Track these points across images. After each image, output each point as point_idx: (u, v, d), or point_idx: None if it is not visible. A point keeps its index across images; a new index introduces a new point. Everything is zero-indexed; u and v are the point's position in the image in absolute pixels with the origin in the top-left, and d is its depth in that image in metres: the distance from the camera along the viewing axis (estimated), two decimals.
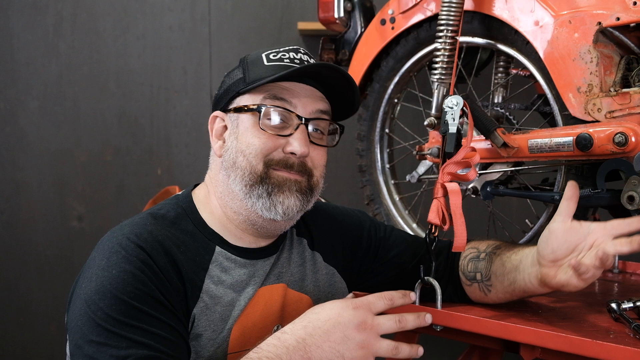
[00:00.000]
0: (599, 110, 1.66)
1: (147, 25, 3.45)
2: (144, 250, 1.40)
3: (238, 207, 1.52)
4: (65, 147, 3.52)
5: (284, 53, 1.54)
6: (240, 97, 1.53)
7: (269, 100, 1.49)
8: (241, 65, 1.57)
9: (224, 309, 1.48)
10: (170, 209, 1.55)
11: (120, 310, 1.32)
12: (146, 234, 1.44)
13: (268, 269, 1.57)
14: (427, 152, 1.99)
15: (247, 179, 1.48)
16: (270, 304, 1.56)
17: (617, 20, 1.65)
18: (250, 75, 1.52)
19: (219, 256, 1.52)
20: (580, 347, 1.47)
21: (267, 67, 1.51)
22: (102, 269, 1.37)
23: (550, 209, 1.81)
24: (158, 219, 1.51)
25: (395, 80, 2.14)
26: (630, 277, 2.13)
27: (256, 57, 1.55)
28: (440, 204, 1.65)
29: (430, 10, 1.99)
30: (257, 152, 1.48)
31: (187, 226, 1.53)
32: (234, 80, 1.55)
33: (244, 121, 1.51)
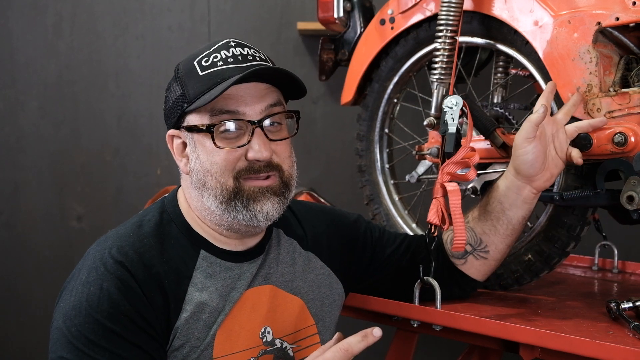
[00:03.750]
0: (599, 110, 1.66)
1: (146, 26, 3.45)
2: (124, 267, 1.40)
3: (218, 220, 1.51)
4: (64, 147, 3.52)
5: (215, 54, 1.48)
6: (188, 116, 1.49)
7: (216, 117, 1.45)
8: (177, 78, 1.51)
9: (209, 315, 1.47)
10: (155, 214, 1.54)
11: (92, 330, 1.34)
12: (128, 247, 1.44)
13: (255, 271, 1.55)
14: (426, 152, 1.99)
15: (221, 197, 1.46)
16: (258, 306, 1.55)
17: (616, 20, 1.65)
18: (189, 91, 1.46)
19: (204, 261, 1.50)
20: (580, 347, 1.48)
21: (203, 79, 1.46)
22: (82, 284, 1.40)
23: (550, 208, 1.80)
24: (142, 227, 1.50)
25: (394, 80, 2.14)
26: (629, 277, 2.13)
27: (189, 67, 1.49)
28: (439, 204, 1.65)
29: (429, 10, 1.98)
30: (223, 170, 1.46)
31: (172, 231, 1.52)
32: (175, 95, 1.50)
33: (200, 140, 1.47)
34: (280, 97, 1.54)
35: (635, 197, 1.52)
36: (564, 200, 1.71)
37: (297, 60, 3.34)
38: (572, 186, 1.75)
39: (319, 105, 3.33)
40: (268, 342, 1.55)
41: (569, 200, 1.70)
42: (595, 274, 2.20)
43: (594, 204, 1.73)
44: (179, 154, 1.54)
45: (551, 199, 1.75)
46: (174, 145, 1.54)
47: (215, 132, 1.44)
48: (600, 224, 2.16)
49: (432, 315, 1.71)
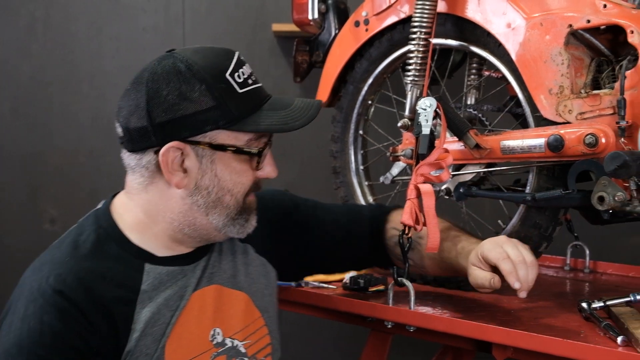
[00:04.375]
0: (570, 112, 1.68)
1: (121, 27, 3.43)
2: (64, 296, 1.33)
3: (200, 235, 1.48)
4: (38, 150, 3.49)
5: (241, 70, 1.43)
6: (218, 133, 1.40)
7: (258, 141, 1.44)
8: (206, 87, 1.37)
9: (157, 328, 1.42)
10: (91, 232, 1.45)
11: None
12: (66, 273, 1.36)
13: (200, 273, 1.52)
14: (400, 153, 2.00)
15: (232, 214, 1.46)
16: (204, 309, 1.51)
17: (587, 23, 1.67)
18: (231, 109, 1.38)
19: (149, 275, 1.44)
20: (552, 346, 1.49)
21: (244, 98, 1.41)
22: (20, 319, 1.33)
23: (522, 209, 1.82)
24: (79, 249, 1.41)
25: (369, 82, 2.14)
26: (600, 277, 2.15)
27: (223, 79, 1.39)
28: (413, 205, 1.66)
29: (403, 13, 1.99)
30: (245, 189, 1.46)
31: (112, 249, 1.43)
32: (200, 107, 1.37)
33: (227, 160, 1.42)
34: None
35: (606, 197, 1.53)
36: (536, 201, 1.72)
37: (272, 61, 3.34)
38: (544, 187, 1.76)
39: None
40: (219, 343, 1.51)
41: (541, 201, 1.72)
42: (567, 274, 2.22)
43: (566, 204, 1.75)
44: (173, 167, 1.40)
45: (523, 200, 1.76)
46: (171, 157, 1.39)
47: (260, 158, 1.45)
48: (572, 225, 2.18)
49: (405, 316, 1.71)
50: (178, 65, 1.39)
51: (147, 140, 1.40)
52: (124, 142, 1.45)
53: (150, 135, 1.39)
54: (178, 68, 1.39)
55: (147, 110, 1.38)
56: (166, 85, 1.38)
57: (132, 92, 1.42)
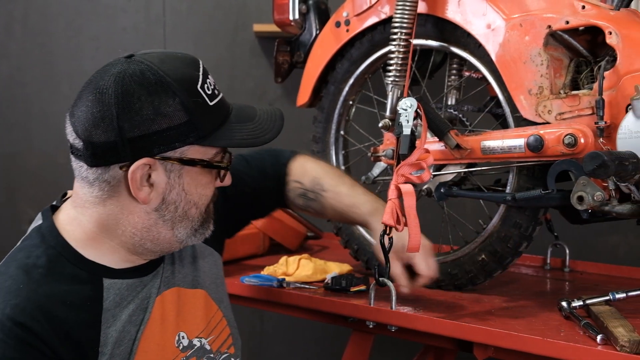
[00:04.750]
0: (550, 112, 1.69)
1: (100, 27, 3.41)
2: (25, 328, 1.24)
3: (163, 248, 1.43)
4: (16, 150, 3.46)
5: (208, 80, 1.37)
6: (189, 148, 1.34)
7: (225, 155, 1.42)
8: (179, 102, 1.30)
9: (124, 347, 1.38)
10: (39, 253, 1.35)
11: None
12: (24, 302, 1.26)
13: (159, 280, 1.47)
14: (381, 153, 2.00)
15: (197, 226, 1.42)
16: (166, 315, 1.47)
17: (566, 24, 1.68)
18: (203, 124, 1.33)
19: (110, 290, 1.38)
20: (532, 345, 1.50)
21: (214, 112, 1.36)
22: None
23: (503, 209, 1.83)
24: (30, 273, 1.31)
25: (350, 83, 2.15)
26: (580, 276, 2.17)
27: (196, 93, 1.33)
28: (394, 205, 1.66)
29: (384, 13, 2.00)
30: (207, 202, 1.43)
31: (65, 268, 1.34)
32: (173, 123, 1.30)
33: (194, 174, 1.37)
34: None
35: (585, 197, 1.55)
36: (516, 201, 1.73)
37: (253, 62, 3.33)
38: (524, 187, 1.77)
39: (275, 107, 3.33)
40: (185, 347, 1.49)
41: (521, 200, 1.73)
42: (547, 273, 2.23)
43: (546, 204, 1.76)
44: (142, 183, 1.33)
45: (504, 200, 1.77)
46: (139, 173, 1.32)
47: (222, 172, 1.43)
48: (551, 224, 2.19)
49: (387, 316, 1.72)
50: (148, 75, 1.30)
51: (114, 156, 1.31)
52: (83, 155, 1.33)
53: (119, 150, 1.30)
54: (148, 79, 1.30)
55: (118, 124, 1.28)
56: (138, 98, 1.28)
57: (94, 101, 1.31)
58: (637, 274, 2.13)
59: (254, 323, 3.44)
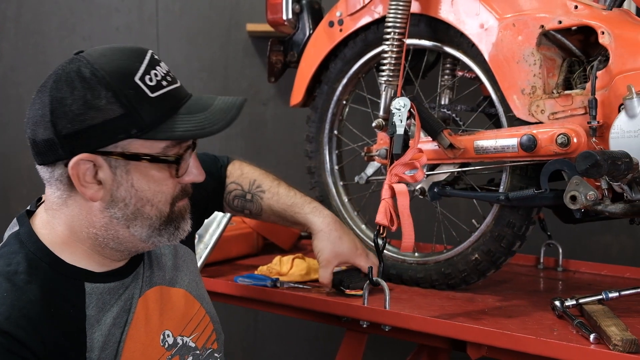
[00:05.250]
0: (542, 112, 1.69)
1: (93, 26, 3.40)
2: (11, 337, 1.22)
3: (125, 247, 1.39)
4: (10, 150, 3.45)
5: (153, 71, 1.32)
6: (130, 142, 1.29)
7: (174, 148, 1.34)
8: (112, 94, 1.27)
9: (110, 350, 1.37)
10: (20, 259, 1.32)
11: None
12: (8, 311, 1.24)
13: (140, 280, 1.46)
14: (375, 153, 2.00)
15: (156, 224, 1.36)
16: (150, 315, 1.46)
17: (559, 24, 1.68)
18: (144, 116, 1.28)
19: (92, 295, 1.36)
20: (525, 344, 1.50)
21: (157, 103, 1.30)
22: None
23: (496, 209, 1.83)
24: (12, 281, 1.28)
25: (343, 82, 2.15)
26: (573, 275, 2.17)
27: (132, 85, 1.28)
28: (388, 205, 1.67)
29: (377, 13, 2.00)
30: (166, 198, 1.36)
31: (46, 274, 1.32)
32: (109, 116, 1.26)
33: (143, 169, 1.32)
34: None
35: (578, 196, 1.55)
36: (510, 201, 1.74)
37: (246, 61, 3.33)
38: (517, 186, 1.78)
39: (269, 106, 3.33)
40: (170, 345, 1.48)
41: (515, 200, 1.73)
42: (541, 272, 2.23)
43: (539, 203, 1.76)
44: (85, 179, 1.30)
45: (497, 199, 1.78)
46: (82, 169, 1.29)
47: (180, 165, 1.35)
48: (545, 223, 2.20)
49: (380, 316, 1.72)
50: (82, 70, 1.28)
51: (54, 153, 1.30)
52: (33, 154, 1.35)
53: (57, 147, 1.29)
54: (82, 74, 1.28)
55: (52, 121, 1.28)
56: (70, 93, 1.27)
57: (37, 100, 1.32)
58: (630, 273, 2.13)
59: (247, 323, 3.44)
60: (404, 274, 1.99)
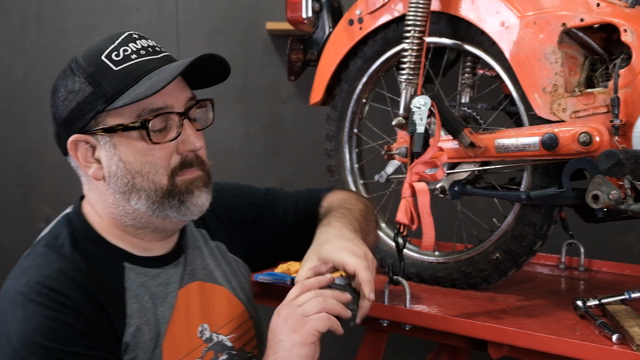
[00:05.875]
0: (564, 110, 1.68)
1: (113, 25, 3.42)
2: (59, 293, 1.32)
3: (144, 224, 1.45)
4: (31, 148, 3.48)
5: (124, 48, 1.40)
6: (105, 116, 1.39)
7: (147, 113, 1.38)
8: (83, 75, 1.39)
9: (151, 327, 1.43)
10: (66, 235, 1.44)
11: (54, 359, 1.27)
12: (56, 273, 1.34)
13: (181, 271, 1.52)
14: (395, 152, 1.99)
15: (154, 197, 1.41)
16: (190, 306, 1.52)
17: (581, 22, 1.67)
18: (106, 89, 1.37)
19: (131, 273, 1.45)
20: (547, 344, 1.49)
21: (120, 75, 1.37)
22: (19, 322, 1.29)
23: (517, 208, 1.82)
24: (59, 251, 1.40)
25: (363, 81, 2.14)
26: (595, 275, 2.16)
27: (98, 63, 1.39)
28: (408, 203, 1.66)
29: (397, 11, 1.99)
30: (157, 169, 1.40)
31: (89, 250, 1.43)
32: (82, 96, 1.38)
33: (123, 141, 1.39)
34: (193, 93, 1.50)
35: (600, 195, 1.54)
36: (531, 200, 1.73)
37: (266, 60, 3.33)
38: (538, 185, 1.77)
39: (289, 105, 3.33)
40: (207, 339, 1.53)
41: (536, 199, 1.72)
42: (562, 272, 2.22)
43: (560, 202, 1.75)
44: (87, 159, 1.43)
45: (518, 198, 1.77)
46: (79, 151, 1.42)
47: (150, 129, 1.38)
48: (566, 223, 2.18)
49: (401, 315, 1.72)
50: (70, 63, 1.43)
51: (62, 141, 1.45)
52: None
53: (62, 135, 1.44)
54: (69, 66, 1.43)
55: (53, 114, 1.45)
56: (59, 84, 1.43)
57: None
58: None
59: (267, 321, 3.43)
60: (424, 273, 1.99)
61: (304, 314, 1.36)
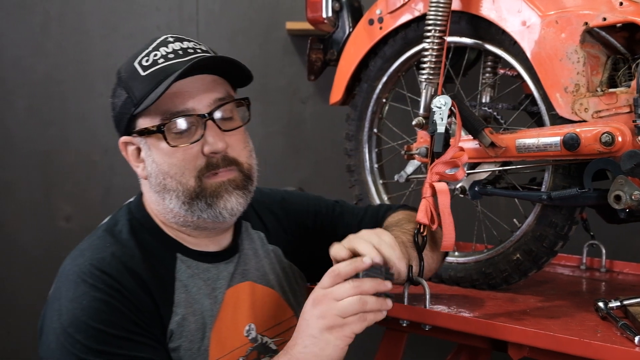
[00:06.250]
0: (586, 110, 1.67)
1: (135, 25, 3.44)
2: (110, 276, 1.37)
3: (183, 221, 1.50)
4: (52, 147, 3.50)
5: (154, 52, 1.47)
6: (138, 120, 1.48)
7: (167, 116, 1.44)
8: (120, 82, 1.49)
9: (197, 317, 1.46)
10: (125, 222, 1.52)
11: (99, 340, 1.31)
12: (109, 257, 1.41)
13: (232, 269, 1.55)
14: (415, 151, 1.99)
15: (183, 197, 1.45)
16: (239, 304, 1.54)
17: (603, 21, 1.66)
18: (134, 93, 1.45)
19: (182, 264, 1.49)
20: (568, 345, 1.48)
21: (146, 79, 1.44)
22: (70, 300, 1.35)
23: (538, 208, 1.81)
24: (116, 237, 1.48)
25: (383, 80, 2.14)
26: (617, 276, 2.14)
27: (131, 69, 1.48)
28: (429, 203, 1.66)
29: (418, 11, 1.99)
30: (182, 171, 1.45)
31: (145, 238, 1.50)
32: (121, 101, 1.48)
33: (154, 143, 1.47)
34: (229, 89, 1.53)
35: (622, 196, 1.53)
36: (552, 200, 1.72)
37: (285, 60, 3.34)
38: (560, 186, 1.75)
39: (308, 105, 3.33)
40: (252, 339, 1.55)
41: (557, 199, 1.71)
42: (583, 273, 2.21)
43: (582, 203, 1.74)
44: (135, 159, 1.53)
45: (539, 199, 1.76)
46: (129, 152, 1.53)
47: (167, 132, 1.43)
48: (588, 223, 2.17)
49: (421, 315, 1.71)
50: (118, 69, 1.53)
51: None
52: None
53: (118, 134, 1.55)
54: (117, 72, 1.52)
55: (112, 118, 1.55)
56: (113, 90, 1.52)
57: None
58: None
59: None
60: (444, 274, 1.98)
61: (342, 314, 1.32)
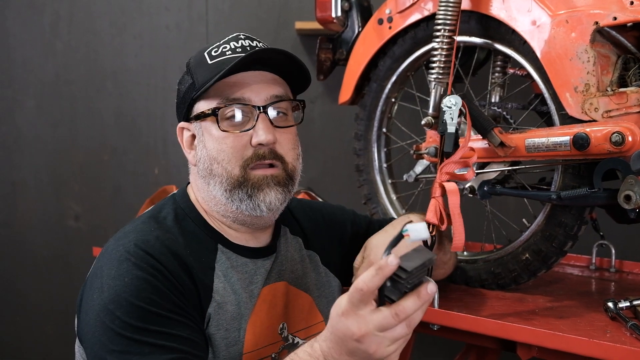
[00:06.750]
0: (596, 110, 1.66)
1: (144, 25, 3.45)
2: (153, 257, 1.39)
3: (223, 211, 1.52)
4: (62, 147, 3.52)
5: (224, 45, 1.52)
6: (197, 104, 1.52)
7: (223, 101, 1.48)
8: (188, 70, 1.54)
9: (234, 307, 1.48)
10: (170, 210, 1.55)
11: (138, 317, 1.32)
12: (153, 239, 1.43)
13: (269, 267, 1.57)
14: (424, 151, 1.99)
15: (226, 184, 1.47)
16: (274, 303, 1.56)
17: (614, 20, 1.65)
18: (198, 79, 1.50)
19: (222, 255, 1.51)
20: (577, 346, 1.48)
21: (212, 67, 1.49)
22: (113, 278, 1.36)
23: (548, 208, 1.81)
24: (160, 222, 1.50)
25: (392, 80, 2.14)
26: (626, 277, 2.14)
27: (199, 58, 1.53)
28: (438, 203, 1.65)
29: (427, 10, 1.99)
30: (230, 157, 1.47)
31: (189, 226, 1.52)
32: (185, 87, 1.54)
33: (207, 128, 1.50)
34: (287, 90, 1.57)
35: (632, 196, 1.52)
36: (562, 200, 1.71)
37: None
38: (569, 185, 1.75)
39: (317, 104, 3.33)
40: (285, 337, 1.57)
41: (567, 199, 1.70)
42: (593, 273, 2.20)
43: (592, 203, 1.73)
44: (188, 146, 1.56)
45: (549, 199, 1.75)
46: (184, 138, 1.57)
47: (220, 116, 1.46)
48: (597, 223, 2.16)
49: (429, 315, 1.71)
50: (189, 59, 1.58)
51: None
52: None
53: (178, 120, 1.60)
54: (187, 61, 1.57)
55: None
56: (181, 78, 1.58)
57: None
58: None
59: None
60: (453, 273, 1.98)
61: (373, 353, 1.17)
